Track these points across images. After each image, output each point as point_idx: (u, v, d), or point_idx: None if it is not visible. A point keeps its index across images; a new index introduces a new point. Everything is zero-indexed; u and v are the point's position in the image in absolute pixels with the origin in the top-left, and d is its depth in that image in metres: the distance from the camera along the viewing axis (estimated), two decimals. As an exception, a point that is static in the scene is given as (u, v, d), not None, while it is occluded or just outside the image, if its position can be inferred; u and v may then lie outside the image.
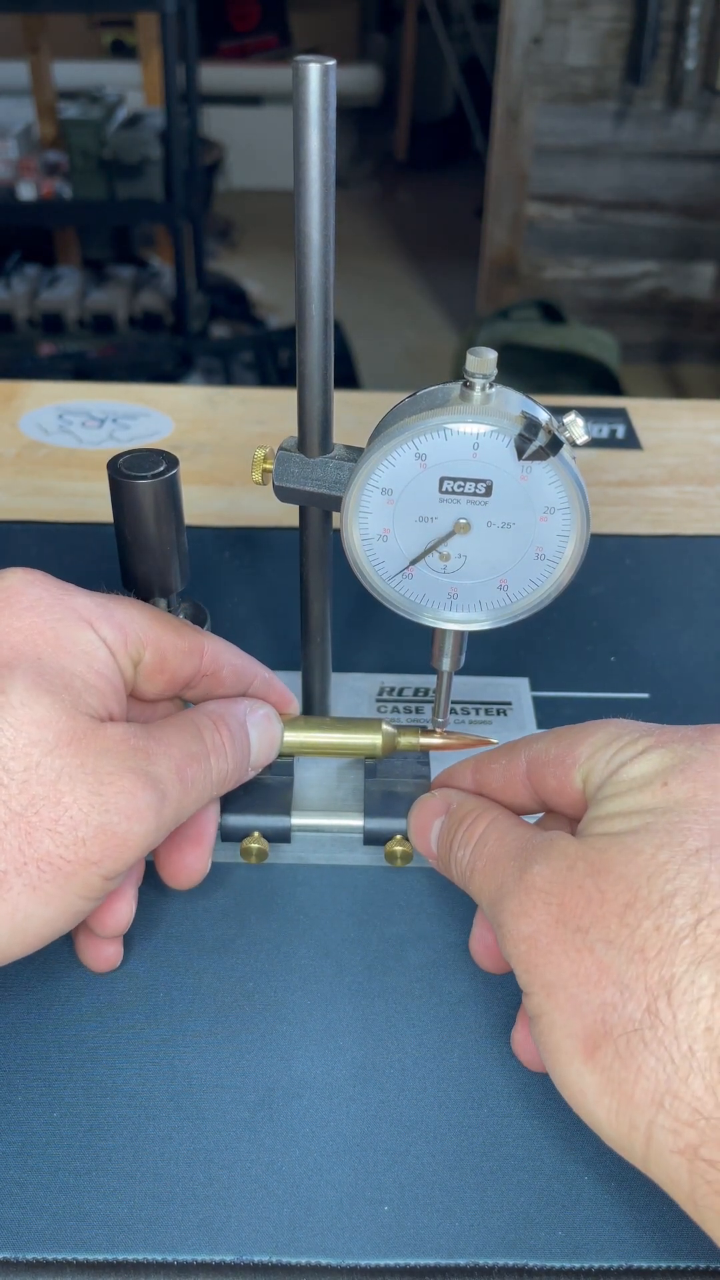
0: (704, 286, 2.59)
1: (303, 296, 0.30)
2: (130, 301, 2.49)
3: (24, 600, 0.29)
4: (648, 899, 0.24)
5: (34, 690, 0.27)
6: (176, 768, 0.30)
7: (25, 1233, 0.29)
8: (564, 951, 0.25)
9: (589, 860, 0.26)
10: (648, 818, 0.26)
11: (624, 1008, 0.24)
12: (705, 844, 0.25)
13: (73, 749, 0.27)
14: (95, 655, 0.30)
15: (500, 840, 0.30)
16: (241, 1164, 0.31)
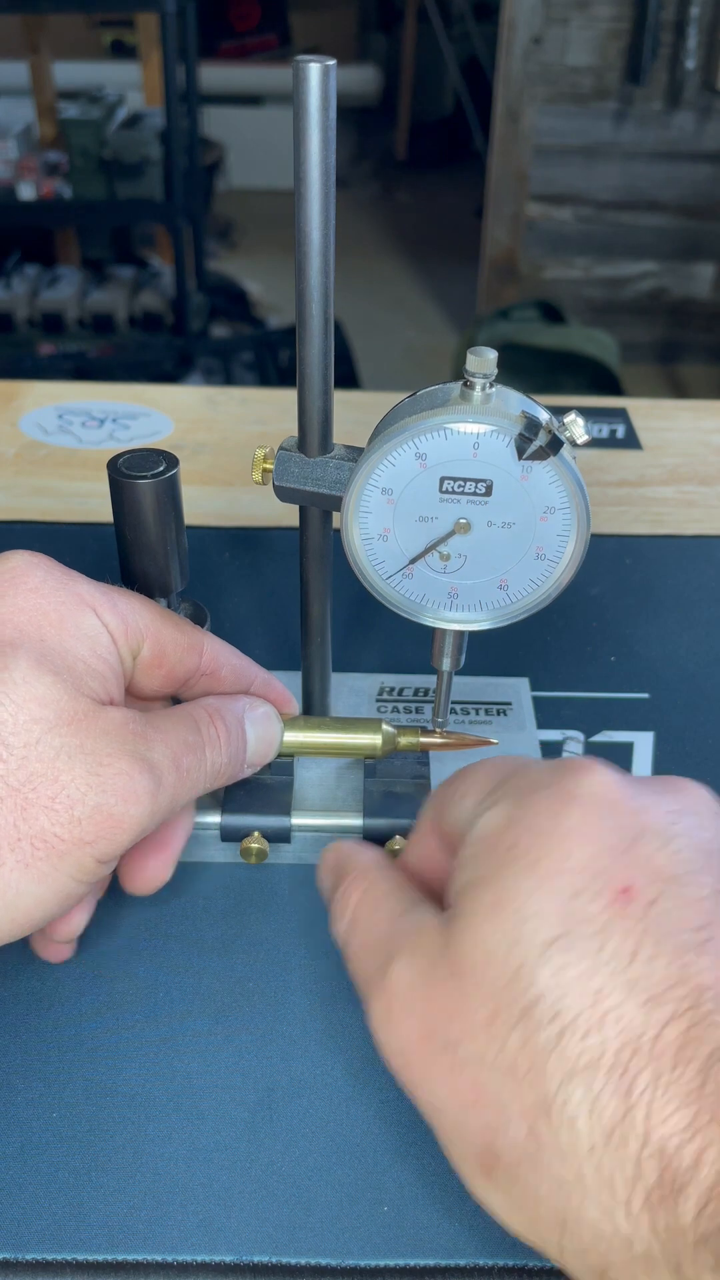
0: (704, 286, 2.59)
1: (303, 296, 0.30)
2: (130, 301, 2.49)
3: (29, 582, 0.29)
4: (510, 1009, 0.23)
5: (37, 669, 0.27)
6: (173, 755, 0.30)
7: (25, 1233, 0.29)
8: (438, 1072, 0.24)
9: (449, 958, 0.24)
10: (499, 893, 0.24)
11: (507, 1131, 0.22)
12: (555, 932, 0.23)
13: (73, 728, 0.27)
14: (98, 640, 0.30)
15: (369, 919, 0.28)
16: (241, 1164, 0.31)
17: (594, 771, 0.25)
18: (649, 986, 0.22)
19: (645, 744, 0.45)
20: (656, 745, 0.45)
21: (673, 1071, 0.21)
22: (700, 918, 0.23)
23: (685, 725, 0.46)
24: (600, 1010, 0.22)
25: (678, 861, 0.24)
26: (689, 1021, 0.21)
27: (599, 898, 0.23)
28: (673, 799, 0.26)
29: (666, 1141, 0.20)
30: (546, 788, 0.25)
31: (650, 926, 0.22)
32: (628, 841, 0.24)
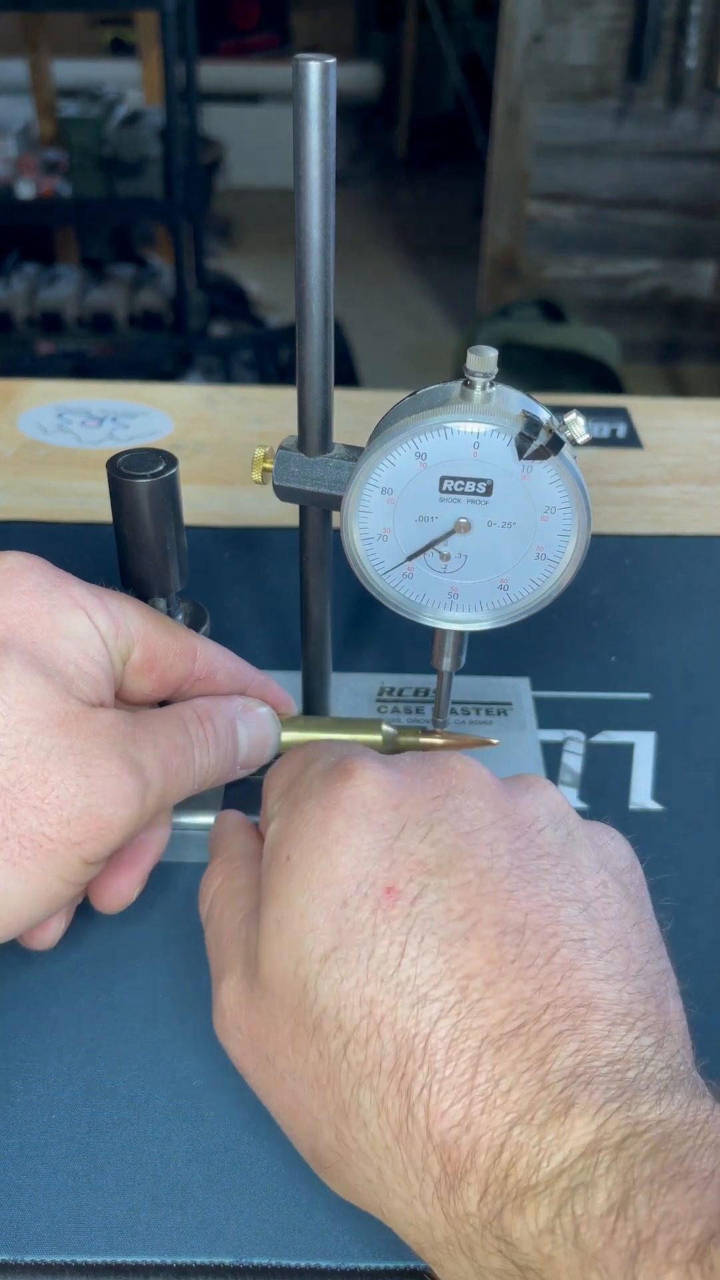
0: (705, 285, 2.59)
1: (303, 295, 0.30)
2: (129, 300, 2.49)
3: (22, 584, 0.29)
4: (305, 1023, 0.24)
5: (28, 669, 0.27)
6: (161, 756, 0.30)
7: (24, 1235, 0.29)
8: (267, 1082, 0.25)
9: (258, 977, 0.25)
10: (281, 909, 0.25)
11: (321, 1136, 0.24)
12: (329, 945, 0.24)
13: (63, 730, 0.27)
14: (89, 642, 0.30)
15: (219, 917, 0.29)
16: (241, 1166, 0.31)
17: (357, 773, 0.26)
18: (417, 986, 0.22)
19: (646, 744, 0.45)
20: (657, 745, 0.45)
21: (445, 1068, 0.22)
22: (463, 904, 0.23)
23: (686, 725, 0.46)
24: (375, 1018, 0.23)
25: (439, 850, 0.24)
26: (457, 1014, 0.22)
27: (365, 903, 0.24)
28: (434, 783, 0.26)
29: (445, 1135, 0.21)
30: (316, 795, 0.26)
31: (415, 924, 0.23)
32: (389, 839, 0.25)
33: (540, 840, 0.25)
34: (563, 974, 0.22)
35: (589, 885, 0.25)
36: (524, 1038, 0.21)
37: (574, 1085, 0.21)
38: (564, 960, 0.23)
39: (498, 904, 0.23)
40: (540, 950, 0.23)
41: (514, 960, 0.22)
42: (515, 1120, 0.21)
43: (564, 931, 0.23)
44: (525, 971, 0.22)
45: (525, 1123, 0.21)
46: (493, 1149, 0.21)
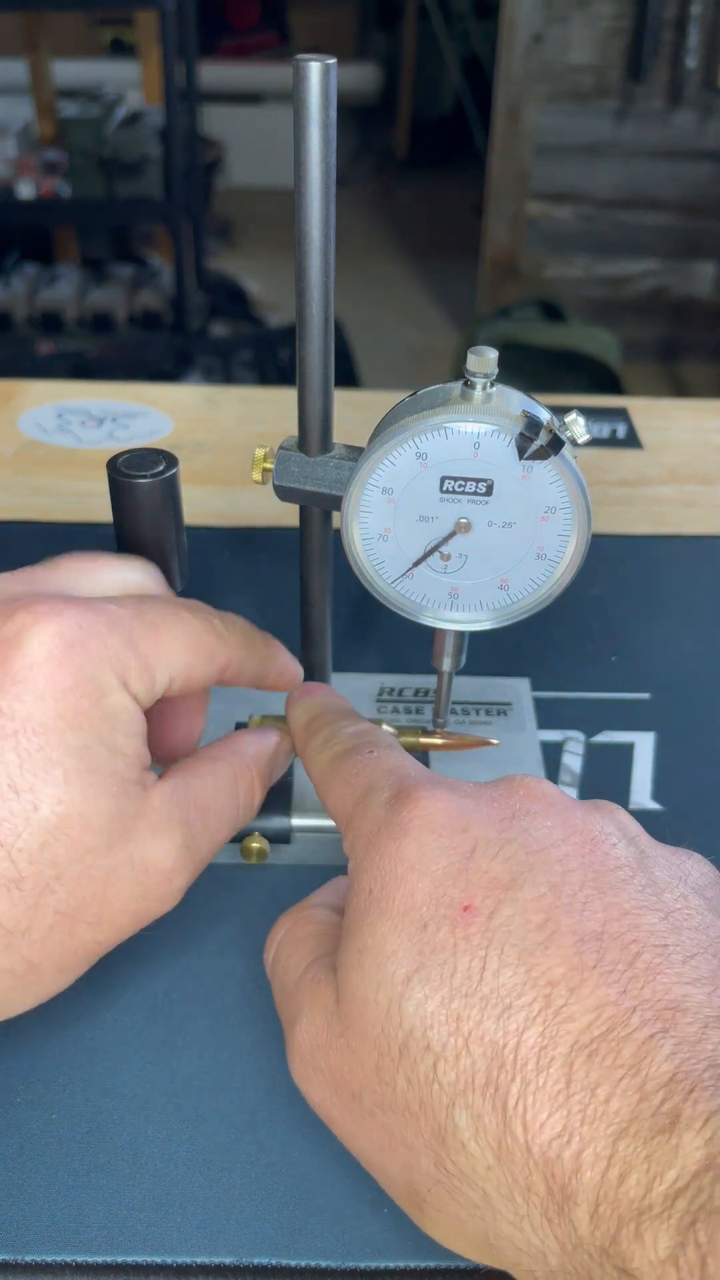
0: (705, 285, 2.59)
1: (303, 295, 0.30)
2: (129, 300, 2.49)
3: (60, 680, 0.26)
4: (390, 1053, 0.23)
5: (75, 784, 0.26)
6: (213, 833, 0.30)
7: (24, 1235, 0.29)
8: (355, 1122, 0.25)
9: (339, 1014, 0.25)
10: (364, 939, 0.25)
11: (419, 1167, 0.23)
12: (412, 967, 0.23)
13: (120, 846, 0.27)
14: (132, 720, 0.28)
15: (285, 964, 0.29)
16: (242, 1166, 0.31)
17: (421, 800, 0.26)
18: (501, 998, 0.22)
19: (646, 744, 0.45)
20: (657, 746, 0.45)
21: (538, 1077, 0.21)
22: (540, 915, 0.23)
23: (686, 726, 0.46)
24: (463, 1033, 0.22)
25: (512, 866, 0.24)
26: (543, 1022, 0.22)
27: (445, 923, 0.23)
28: (503, 805, 0.26)
29: (546, 1149, 0.20)
30: (385, 828, 0.26)
31: (494, 938, 0.23)
32: (462, 860, 0.24)
33: (613, 854, 0.25)
34: (646, 978, 0.22)
35: (668, 897, 0.24)
36: (614, 1042, 0.21)
37: (676, 1093, 0.20)
38: (646, 964, 0.22)
39: (574, 914, 0.23)
40: (621, 956, 0.22)
41: (594, 966, 0.22)
42: (619, 1132, 0.20)
43: (644, 938, 0.23)
44: (608, 976, 0.22)
45: (631, 1136, 0.20)
46: (598, 1164, 0.20)
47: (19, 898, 0.25)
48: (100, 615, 0.27)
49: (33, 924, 0.26)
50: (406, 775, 0.28)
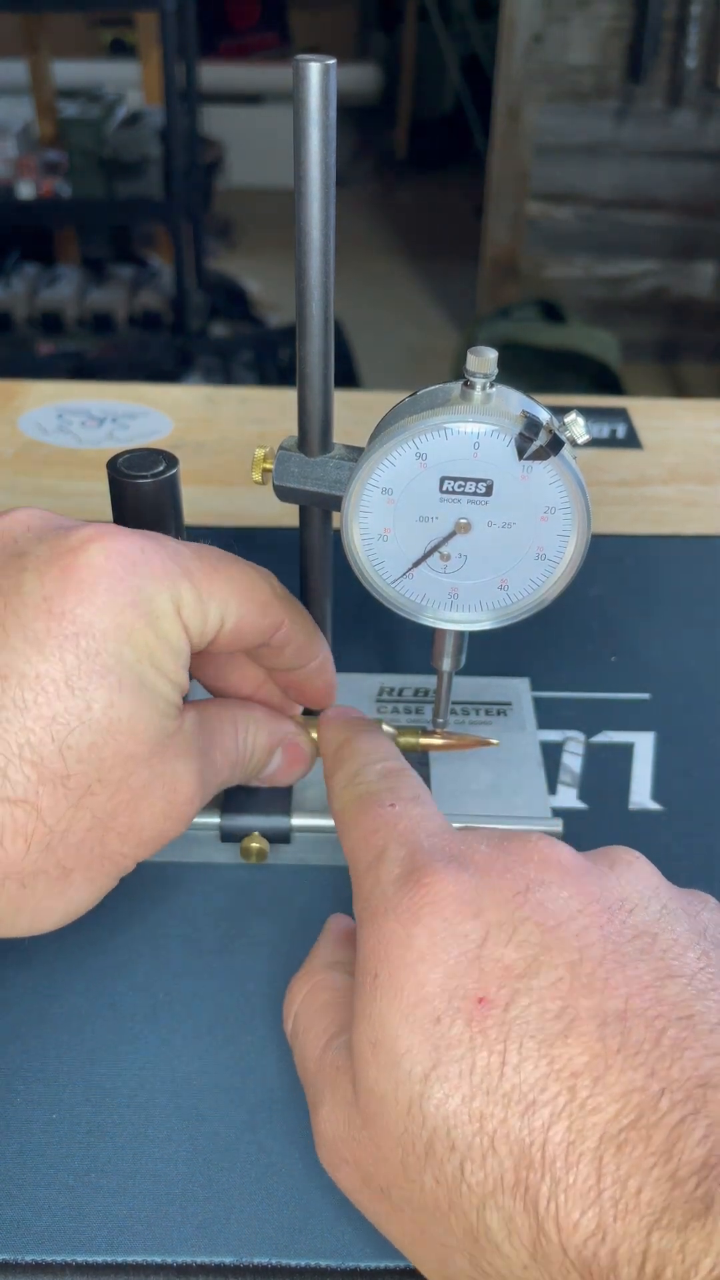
0: (705, 285, 2.59)
1: (303, 296, 0.30)
2: (130, 300, 2.49)
3: (115, 585, 0.27)
4: (415, 1151, 0.23)
5: (123, 693, 0.26)
6: (217, 770, 0.31)
7: (24, 1234, 0.29)
8: (385, 1215, 0.25)
9: (359, 1107, 0.24)
10: (375, 1031, 0.24)
11: (454, 1262, 0.23)
12: (429, 1065, 0.22)
13: (158, 758, 0.28)
14: (179, 646, 0.28)
15: (304, 1037, 0.28)
16: (242, 1166, 0.31)
17: (432, 884, 0.25)
18: (523, 1094, 0.21)
19: (646, 744, 0.45)
20: (657, 745, 0.45)
21: (568, 1175, 0.20)
22: (558, 1003, 0.22)
23: (686, 726, 0.46)
24: (488, 1132, 0.21)
25: (526, 951, 0.23)
26: (569, 1116, 0.21)
27: (459, 1017, 0.23)
28: (514, 877, 0.25)
29: (582, 1250, 0.20)
30: (394, 911, 0.25)
31: (512, 1031, 0.22)
32: (475, 948, 0.24)
33: (633, 921, 0.24)
34: (673, 1055, 0.21)
35: (690, 959, 0.23)
36: (643, 1130, 0.20)
37: (710, 1178, 0.19)
38: (673, 1040, 0.21)
39: (593, 995, 0.22)
40: (646, 1034, 0.21)
41: (619, 1050, 0.21)
42: (652, 1225, 0.19)
43: (669, 1011, 0.22)
44: (633, 1059, 0.21)
45: (664, 1227, 0.19)
46: (634, 1259, 0.19)
47: (63, 795, 0.26)
48: (161, 544, 0.29)
49: (72, 825, 0.26)
50: (419, 846, 0.27)
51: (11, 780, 0.25)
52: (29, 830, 0.25)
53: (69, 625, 0.26)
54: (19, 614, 0.26)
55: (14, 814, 0.25)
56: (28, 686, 0.25)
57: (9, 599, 0.26)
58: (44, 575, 0.26)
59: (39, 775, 0.25)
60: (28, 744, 0.25)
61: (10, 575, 0.26)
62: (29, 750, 0.25)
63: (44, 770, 0.25)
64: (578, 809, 0.42)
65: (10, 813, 0.25)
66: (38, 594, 0.26)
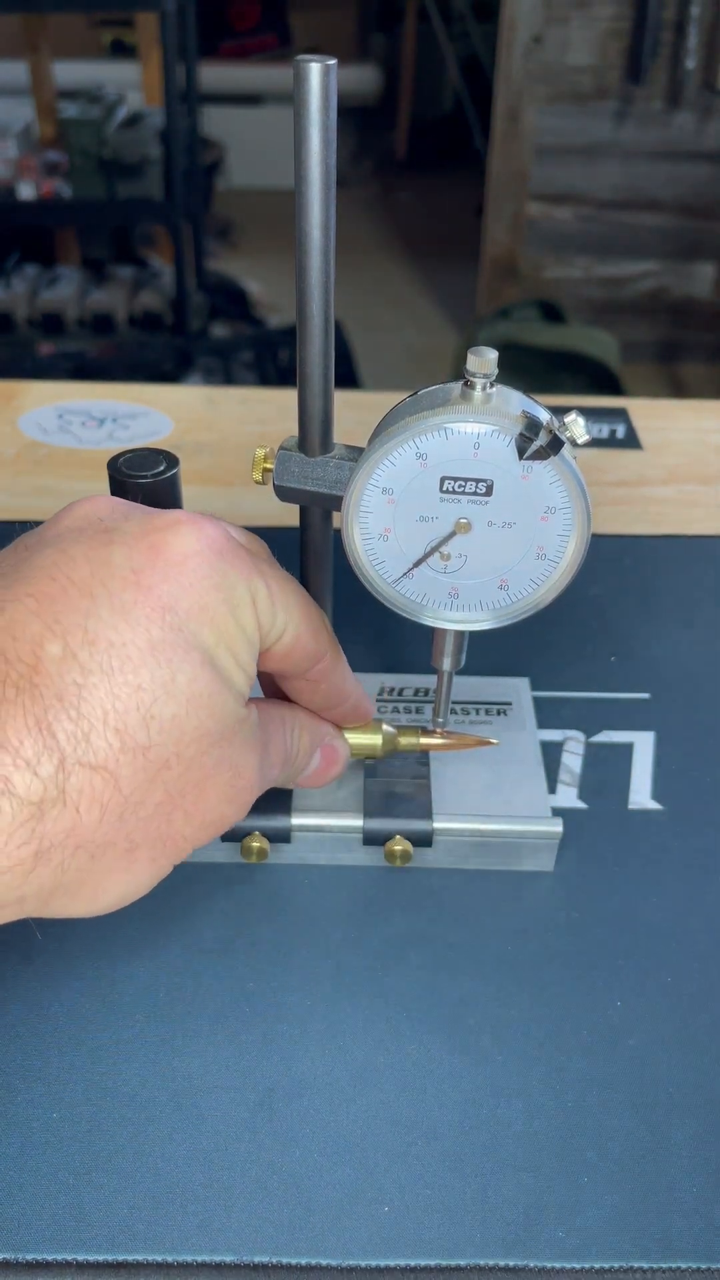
0: (704, 286, 2.59)
1: (303, 296, 0.30)
2: (130, 301, 2.49)
3: (199, 568, 0.27)
4: None
5: (204, 670, 0.27)
6: (274, 763, 0.31)
7: (25, 1233, 0.29)
8: None
9: None
10: None
11: None
12: None
13: (228, 741, 0.28)
14: (252, 637, 0.29)
15: None
16: (242, 1164, 0.31)
17: None
18: None
19: (645, 744, 0.45)
20: (657, 745, 0.45)
21: None
22: None
23: (685, 725, 0.46)
24: None
25: None
26: None
27: None
28: None
29: None
30: None
31: None
32: None
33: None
34: None
35: None
36: None
37: None
38: None
39: None
40: None
41: None
42: None
43: None
44: None
45: None
46: None
47: (142, 767, 0.26)
48: (241, 543, 0.29)
49: (145, 798, 0.26)
50: None
51: (94, 746, 0.25)
52: (105, 799, 0.25)
53: (155, 599, 0.26)
54: (107, 584, 0.26)
55: (93, 780, 0.25)
56: (115, 653, 0.25)
57: (96, 569, 0.26)
58: (133, 549, 0.27)
59: (122, 743, 0.25)
60: (114, 710, 0.25)
61: (98, 547, 0.27)
62: (114, 717, 0.25)
63: (127, 738, 0.25)
64: (578, 808, 0.42)
65: (90, 779, 0.25)
66: (126, 566, 0.26)
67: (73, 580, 0.26)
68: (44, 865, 0.24)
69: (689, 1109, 0.32)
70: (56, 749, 0.24)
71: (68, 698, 0.24)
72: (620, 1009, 0.35)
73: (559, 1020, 0.35)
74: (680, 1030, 0.34)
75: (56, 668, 0.24)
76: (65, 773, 0.24)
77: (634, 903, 0.39)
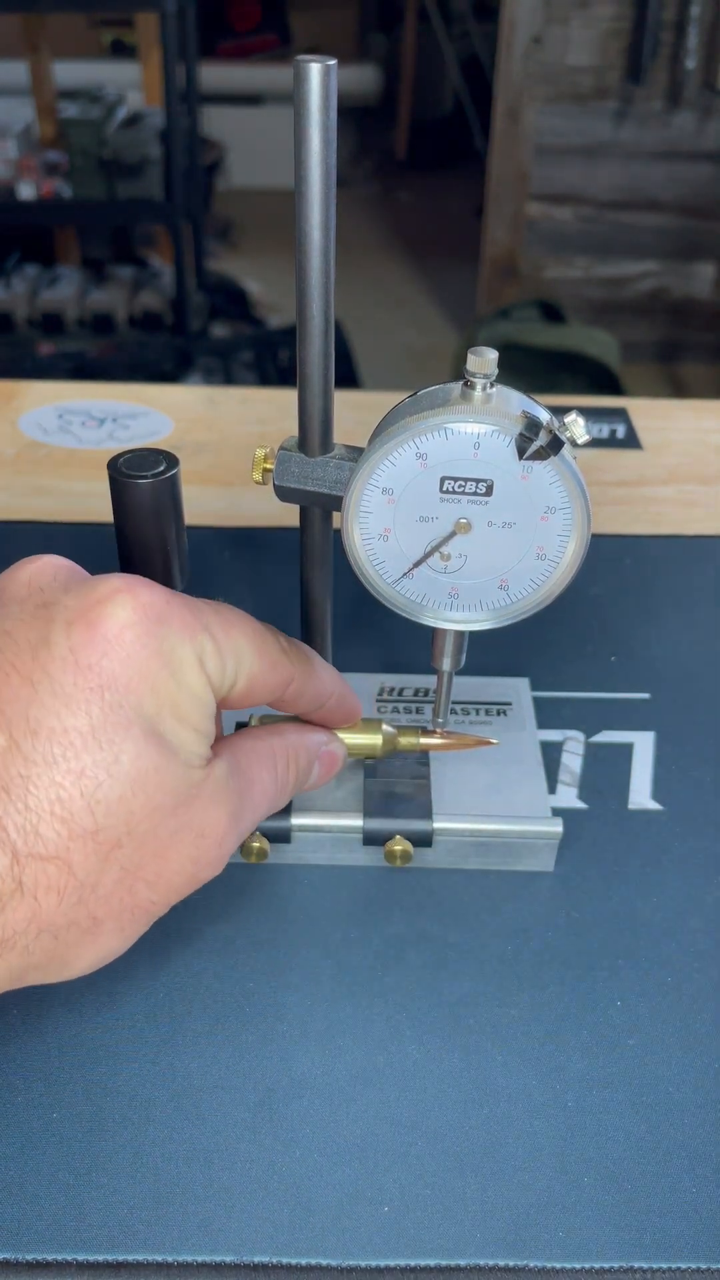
0: (704, 286, 2.59)
1: (303, 296, 0.30)
2: (130, 301, 2.49)
3: (135, 638, 0.27)
4: None
5: (150, 745, 0.27)
6: (255, 806, 0.31)
7: (25, 1233, 0.29)
8: None
9: None
10: None
11: None
12: None
13: (185, 809, 0.28)
14: (203, 695, 0.29)
15: None
16: (241, 1164, 0.31)
17: None
18: None
19: (645, 744, 0.45)
20: (657, 745, 0.45)
21: None
22: None
23: (685, 725, 0.46)
24: None
25: None
26: None
27: None
28: None
29: None
30: None
31: None
32: None
33: None
34: None
35: None
36: None
37: None
38: None
39: None
40: None
41: None
42: None
43: None
44: None
45: None
46: None
47: (93, 850, 0.26)
48: (183, 600, 0.29)
49: (101, 878, 0.27)
50: None
51: (44, 837, 0.25)
52: (61, 885, 0.26)
53: (94, 678, 0.26)
54: (47, 668, 0.26)
55: (46, 870, 0.26)
56: (56, 741, 0.26)
57: (38, 652, 0.27)
58: (71, 628, 0.27)
59: (69, 831, 0.26)
60: (58, 799, 0.26)
61: (39, 628, 0.27)
62: (59, 806, 0.26)
63: (74, 826, 0.26)
64: (578, 808, 0.42)
65: (43, 869, 0.26)
66: (64, 646, 0.27)
67: (16, 668, 0.26)
68: (10, 952, 0.26)
69: (689, 1109, 0.32)
70: (9, 844, 0.25)
71: (15, 791, 0.25)
72: (620, 1009, 0.35)
73: (559, 1020, 0.35)
74: (680, 1030, 0.34)
75: (2, 760, 0.25)
76: (20, 866, 0.25)
77: (634, 903, 0.39)
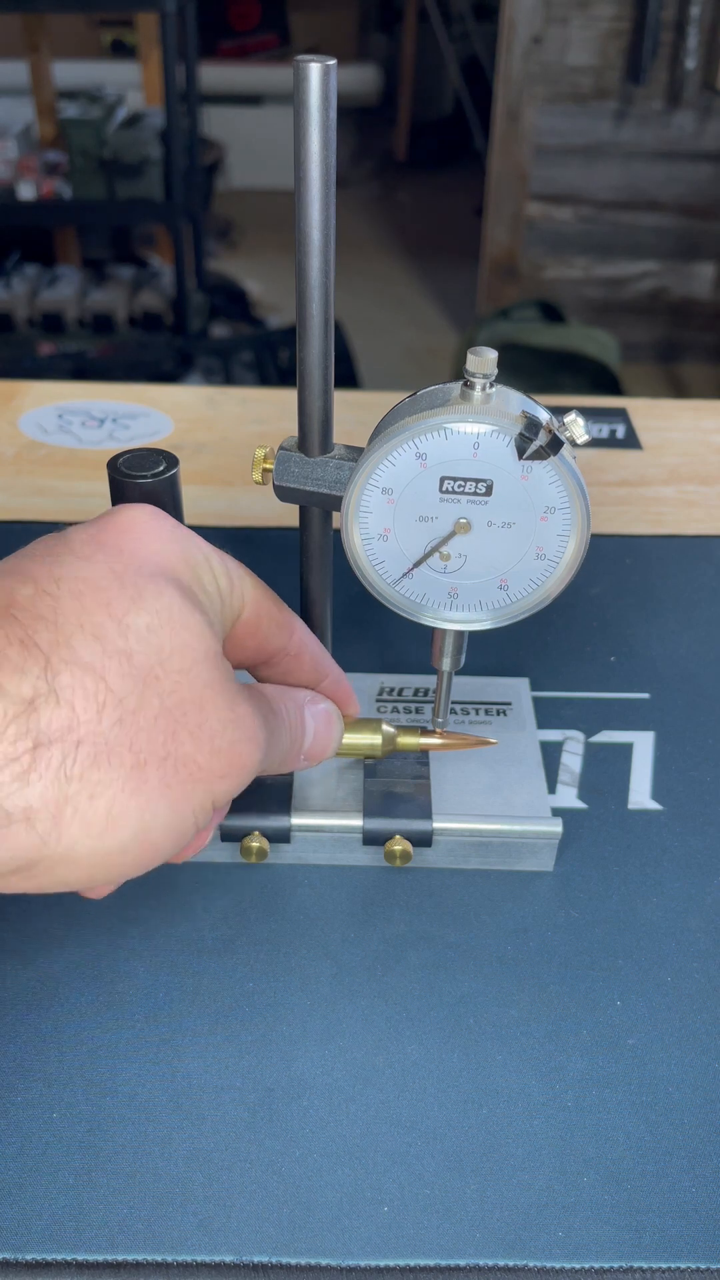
0: (704, 286, 2.59)
1: (303, 296, 0.30)
2: (130, 301, 2.49)
3: (162, 530, 0.29)
4: None
5: (185, 600, 0.28)
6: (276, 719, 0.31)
7: (25, 1234, 0.29)
8: None
9: None
10: None
11: None
12: None
13: (215, 663, 0.28)
14: (218, 590, 0.30)
15: None
16: (241, 1165, 0.31)
17: None
18: None
19: (645, 744, 0.45)
20: (656, 745, 0.45)
21: None
22: None
23: (685, 725, 0.46)
24: None
25: None
26: None
27: None
28: None
29: None
30: None
31: None
32: None
33: None
34: None
35: None
36: None
37: None
38: None
39: None
40: None
41: None
42: None
43: None
44: None
45: None
46: None
47: (129, 670, 0.26)
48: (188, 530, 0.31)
49: (141, 705, 0.26)
50: None
51: (76, 649, 0.25)
52: (100, 697, 0.25)
53: (116, 547, 0.28)
54: (69, 543, 0.28)
55: (83, 680, 0.25)
56: (82, 584, 0.27)
57: (56, 544, 0.28)
58: (89, 527, 0.29)
59: (103, 648, 0.26)
60: (89, 622, 0.26)
61: (57, 537, 0.29)
62: (90, 626, 0.26)
63: (108, 644, 0.26)
64: (578, 808, 0.42)
65: (80, 677, 0.25)
66: (85, 535, 0.28)
67: (34, 552, 0.27)
68: (44, 764, 0.24)
69: (688, 1109, 0.32)
70: (40, 653, 0.25)
71: (45, 617, 0.25)
72: (620, 1009, 0.35)
73: (559, 1020, 0.35)
74: (680, 1030, 0.34)
75: (30, 601, 0.26)
76: (52, 671, 0.25)
77: (634, 903, 0.39)
